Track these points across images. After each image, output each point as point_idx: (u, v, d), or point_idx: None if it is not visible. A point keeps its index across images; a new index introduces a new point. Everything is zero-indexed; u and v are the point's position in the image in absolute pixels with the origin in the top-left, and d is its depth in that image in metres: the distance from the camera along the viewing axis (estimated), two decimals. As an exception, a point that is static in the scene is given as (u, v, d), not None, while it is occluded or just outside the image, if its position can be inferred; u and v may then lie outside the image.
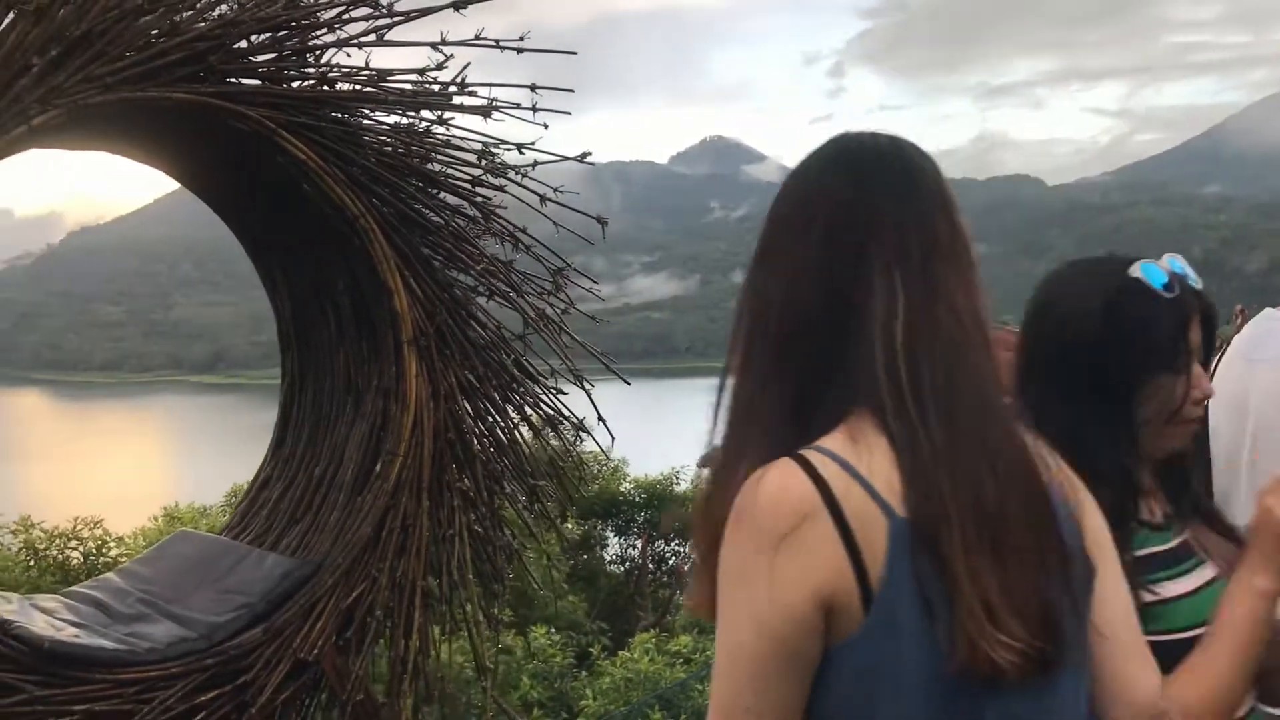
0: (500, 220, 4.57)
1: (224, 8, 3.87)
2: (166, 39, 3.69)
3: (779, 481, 1.22)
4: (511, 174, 4.58)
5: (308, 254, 4.61)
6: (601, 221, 4.75)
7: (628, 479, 18.19)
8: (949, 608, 1.17)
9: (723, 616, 1.26)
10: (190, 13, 3.77)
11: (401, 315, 4.23)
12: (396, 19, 4.23)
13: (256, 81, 3.99)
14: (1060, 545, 1.28)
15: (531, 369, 4.72)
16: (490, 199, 4.62)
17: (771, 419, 1.31)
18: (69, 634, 3.64)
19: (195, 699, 3.72)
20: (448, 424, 4.36)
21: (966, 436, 1.23)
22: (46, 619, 3.77)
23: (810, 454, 1.24)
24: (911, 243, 1.30)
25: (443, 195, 4.48)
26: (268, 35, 4.01)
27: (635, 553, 18.00)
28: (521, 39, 4.52)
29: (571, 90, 4.63)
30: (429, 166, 4.43)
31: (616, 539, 18.47)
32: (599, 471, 17.69)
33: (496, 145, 4.56)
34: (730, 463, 1.32)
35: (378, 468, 4.37)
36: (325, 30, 4.16)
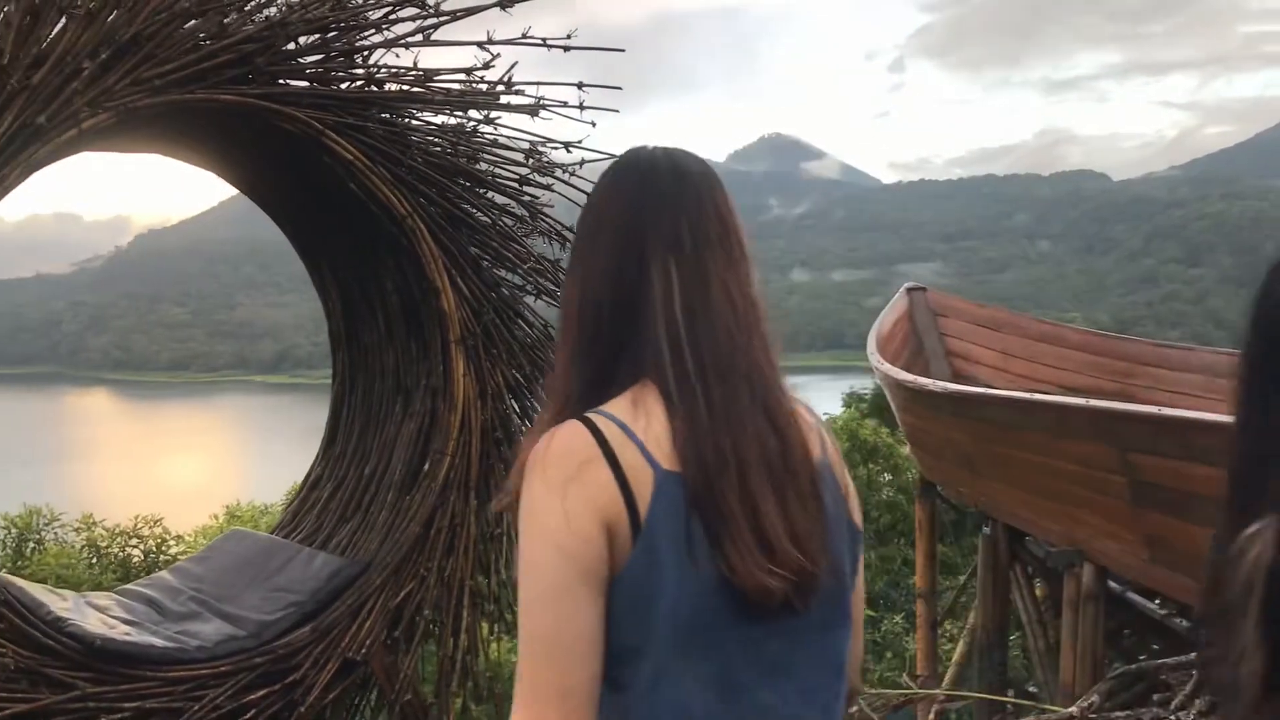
0: (547, 219, 4.55)
1: (272, 10, 3.89)
2: (214, 41, 3.72)
3: (566, 437, 1.41)
4: (559, 172, 4.56)
5: (357, 254, 4.63)
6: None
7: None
8: (726, 542, 1.37)
9: (523, 554, 1.40)
10: (237, 15, 3.79)
11: (449, 314, 4.23)
12: (443, 19, 4.23)
13: (304, 83, 4.01)
14: (827, 504, 1.48)
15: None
16: (538, 198, 4.60)
17: (574, 390, 1.51)
18: (121, 631, 3.68)
19: (244, 697, 3.74)
20: (495, 423, 4.35)
21: (746, 399, 1.45)
22: (100, 616, 3.82)
23: (594, 416, 1.43)
24: (684, 237, 1.51)
25: (490, 195, 4.46)
26: (315, 37, 4.02)
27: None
28: (569, 37, 4.49)
29: (620, 88, 4.60)
30: (476, 166, 4.42)
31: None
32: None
33: (544, 144, 4.54)
34: (536, 428, 1.51)
35: (426, 466, 4.37)
36: (373, 31, 4.17)
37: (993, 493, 7.22)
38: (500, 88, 4.44)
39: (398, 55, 4.27)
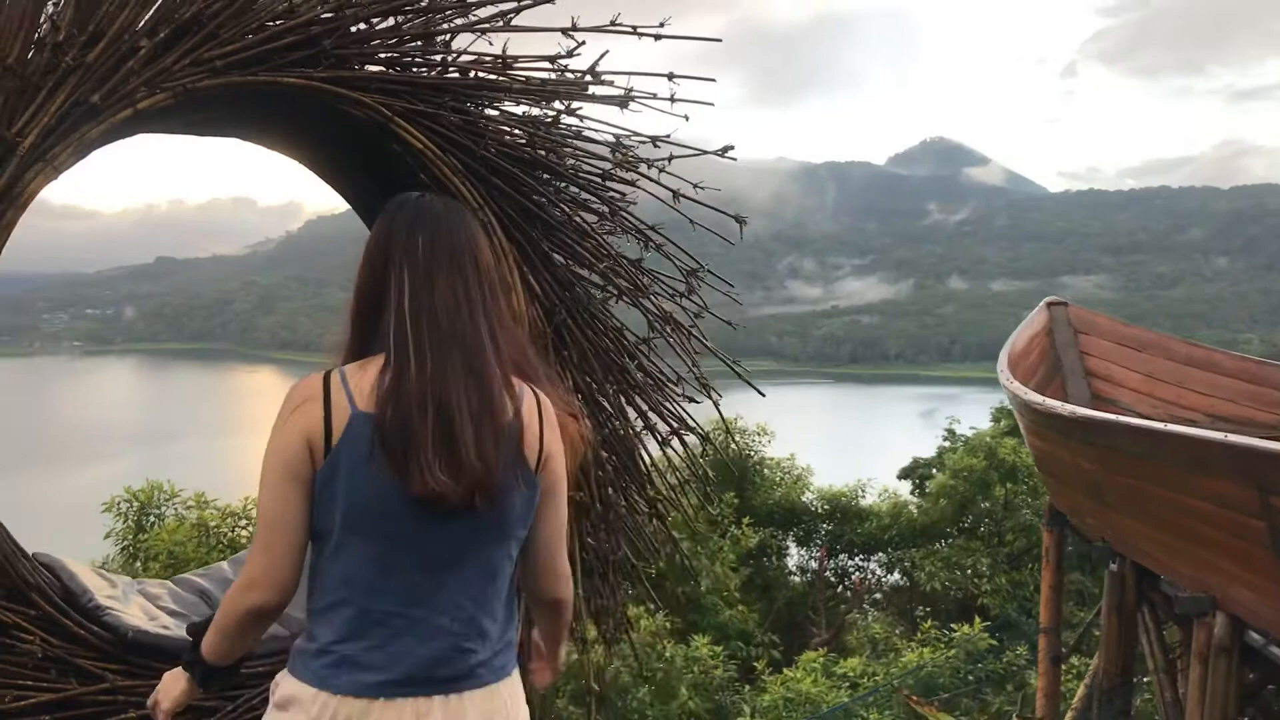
0: (628, 216, 4.32)
1: (344, -9, 3.75)
2: (282, 21, 3.60)
3: (305, 383, 2.10)
4: (644, 167, 4.33)
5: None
6: (740, 221, 4.43)
7: (811, 488, 17.72)
8: (410, 460, 1.99)
9: (264, 457, 2.08)
10: (308, -6, 3.67)
11: (519, 313, 4.03)
12: (525, 3, 4.04)
13: (375, 67, 3.87)
14: (501, 452, 2.07)
15: (659, 374, 4.46)
16: (623, 194, 4.38)
17: (343, 358, 2.17)
18: (160, 624, 3.61)
19: (281, 699, 3.62)
20: (562, 429, 4.13)
21: (457, 365, 2.06)
22: (145, 606, 3.76)
23: (333, 372, 2.10)
24: (416, 254, 2.14)
25: (569, 189, 4.26)
26: (388, 20, 3.88)
27: (815, 564, 17.51)
28: (661, 25, 4.25)
29: (713, 80, 4.36)
30: (556, 159, 4.21)
31: (798, 549, 18.02)
32: (780, 479, 17.32)
33: (630, 137, 4.32)
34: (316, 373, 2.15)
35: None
36: (451, 13, 4.00)
37: (1121, 527, 6.69)
38: (587, 77, 4.24)
39: (490, 43, 4.10)
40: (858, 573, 17.52)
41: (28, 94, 3.16)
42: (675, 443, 4.51)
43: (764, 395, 4.57)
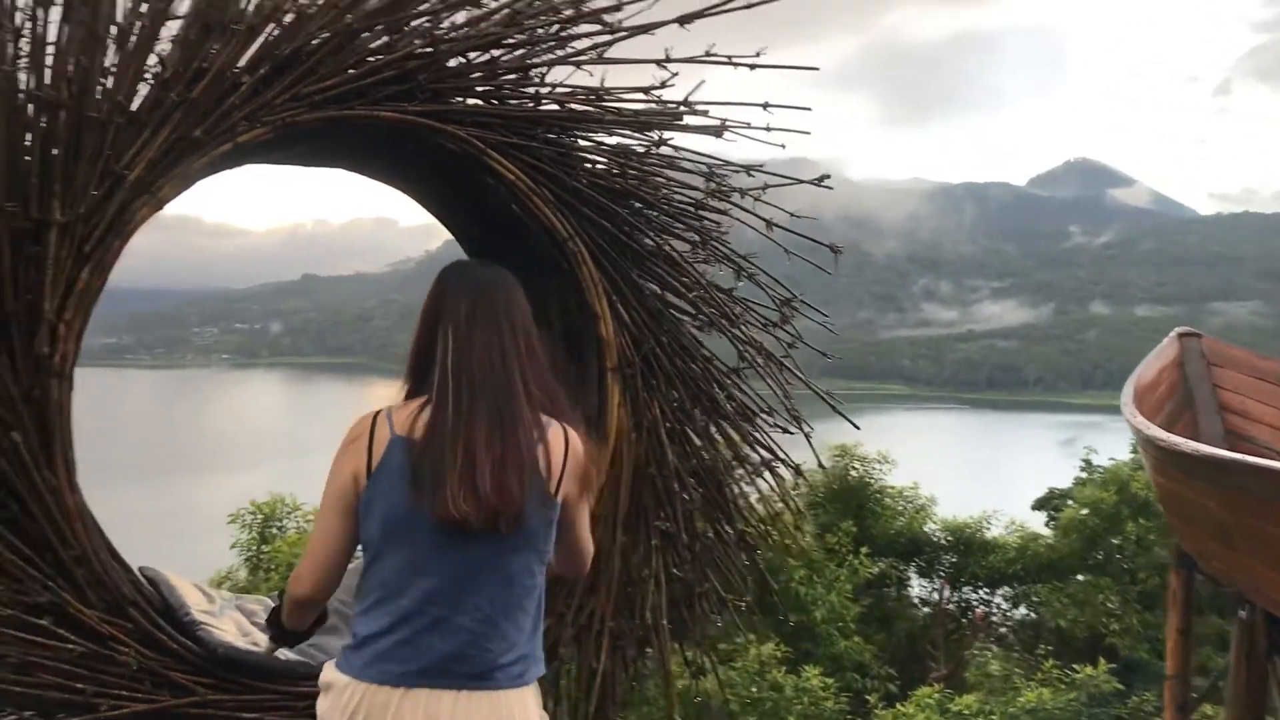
0: (720, 245, 4.30)
1: (441, 27, 3.83)
2: (382, 56, 3.70)
3: (357, 420, 2.51)
4: (738, 197, 4.31)
5: (521, 275, 4.52)
6: (835, 250, 4.37)
7: (934, 518, 17.30)
8: (438, 486, 2.37)
9: (326, 480, 2.49)
10: (406, 30, 3.76)
11: (607, 342, 4.05)
12: (620, 35, 4.06)
13: (472, 100, 3.94)
14: (526, 480, 2.45)
15: (752, 404, 4.42)
16: (717, 224, 4.37)
17: (404, 393, 2.58)
18: (251, 640, 3.71)
19: None
20: (649, 458, 4.14)
21: (484, 409, 2.44)
22: (239, 621, 3.87)
23: (382, 410, 2.50)
24: (460, 318, 2.54)
25: (660, 218, 4.26)
26: (485, 54, 3.94)
27: (935, 596, 17.06)
28: (757, 55, 4.23)
29: (809, 109, 4.31)
30: (648, 189, 4.22)
31: (919, 580, 17.59)
32: (903, 508, 16.97)
33: (723, 166, 4.30)
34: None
35: (576, 498, 4.20)
36: (551, 44, 4.05)
37: (1251, 573, 6.34)
38: (681, 108, 4.24)
39: (590, 74, 4.14)
40: (981, 606, 17.02)
41: (134, 129, 3.31)
42: (767, 474, 4.48)
43: (858, 428, 4.50)
